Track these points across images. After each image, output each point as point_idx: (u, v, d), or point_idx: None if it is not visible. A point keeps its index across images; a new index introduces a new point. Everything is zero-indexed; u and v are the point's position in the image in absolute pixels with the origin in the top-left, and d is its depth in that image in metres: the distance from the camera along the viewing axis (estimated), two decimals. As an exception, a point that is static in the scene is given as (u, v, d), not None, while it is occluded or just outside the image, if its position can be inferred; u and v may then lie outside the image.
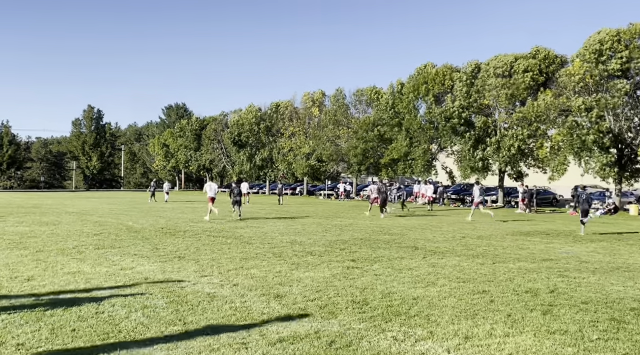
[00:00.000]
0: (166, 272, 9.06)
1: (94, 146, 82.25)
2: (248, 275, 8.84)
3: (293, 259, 10.77)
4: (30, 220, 19.80)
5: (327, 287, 7.84)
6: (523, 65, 35.72)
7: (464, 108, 38.01)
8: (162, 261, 10.21)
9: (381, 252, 12.01)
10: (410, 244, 13.64)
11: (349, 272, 9.21)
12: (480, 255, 11.61)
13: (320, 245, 13.05)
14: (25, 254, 10.85)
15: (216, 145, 68.83)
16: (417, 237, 15.65)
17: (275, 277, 8.63)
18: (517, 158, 35.85)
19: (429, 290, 7.63)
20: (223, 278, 8.53)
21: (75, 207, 29.58)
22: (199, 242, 13.32)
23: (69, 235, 14.49)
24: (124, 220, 20.23)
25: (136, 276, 8.59)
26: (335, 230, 17.22)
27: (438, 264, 10.18)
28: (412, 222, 21.35)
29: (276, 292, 7.49)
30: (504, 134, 35.87)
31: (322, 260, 10.60)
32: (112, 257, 10.69)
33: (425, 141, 41.98)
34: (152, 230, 16.21)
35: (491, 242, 14.46)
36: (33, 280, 8.17)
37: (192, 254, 11.20)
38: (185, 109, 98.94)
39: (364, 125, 46.16)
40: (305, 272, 9.12)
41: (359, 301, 6.87)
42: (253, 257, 10.95)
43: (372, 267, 9.75)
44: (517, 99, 36.21)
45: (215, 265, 9.77)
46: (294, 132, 55.94)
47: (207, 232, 16.08)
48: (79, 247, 12.16)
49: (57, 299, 6.92)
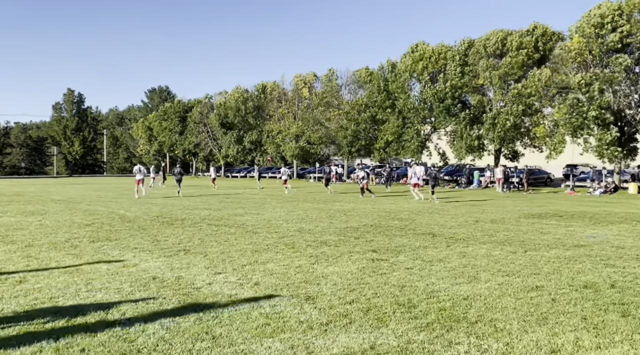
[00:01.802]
0: (174, 269, 8.16)
1: (76, 131, 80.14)
2: (266, 271, 7.98)
3: (308, 250, 9.92)
4: (14, 209, 18.65)
5: (359, 285, 7.02)
6: (517, 42, 34.93)
7: (457, 88, 37.24)
8: (167, 256, 9.29)
9: (399, 240, 11.22)
10: (425, 231, 12.88)
11: (376, 265, 8.40)
12: (506, 242, 10.89)
13: (332, 234, 12.23)
14: (13, 250, 9.85)
15: (202, 129, 67.35)
16: (429, 222, 14.91)
17: (297, 274, 7.78)
18: (512, 135, 35.26)
19: (476, 287, 6.84)
20: (240, 276, 7.65)
21: (61, 194, 28.34)
22: (202, 233, 12.40)
23: (59, 227, 13.46)
24: (114, 208, 19.18)
25: (142, 275, 7.68)
26: (340, 216, 16.41)
27: (467, 254, 9.42)
28: (416, 206, 20.63)
29: (305, 292, 6.64)
30: (499, 111, 35.19)
31: (340, 251, 9.78)
32: (111, 251, 9.74)
33: (418, 122, 41.23)
34: (147, 219, 15.23)
35: (508, 227, 13.77)
36: (26, 282, 7.21)
37: (197, 247, 10.29)
38: (168, 92, 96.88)
39: (355, 106, 45.19)
40: (328, 267, 8.29)
41: (404, 303, 6.05)
42: (265, 249, 10.08)
43: (398, 259, 8.96)
44: (512, 77, 35.49)
45: (227, 260, 8.89)
46: (283, 114, 54.77)
47: (207, 220, 15.16)
48: (72, 240, 11.17)
49: (57, 306, 5.99)
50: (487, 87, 37.44)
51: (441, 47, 39.39)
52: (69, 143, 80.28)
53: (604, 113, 29.51)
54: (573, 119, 30.35)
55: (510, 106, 34.71)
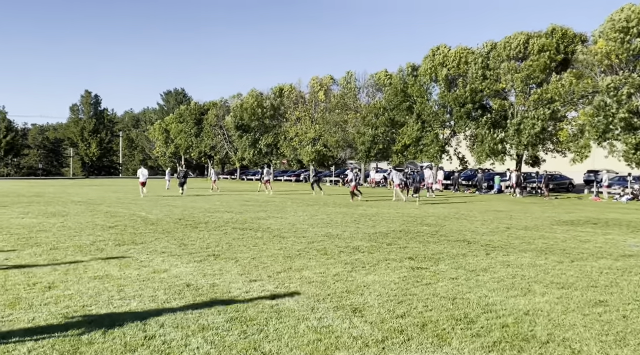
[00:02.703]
0: (207, 275, 7.80)
1: (93, 132, 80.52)
2: (303, 279, 7.59)
3: (342, 257, 9.52)
4: (35, 210, 18.48)
5: (406, 296, 6.60)
6: (538, 44, 34.21)
7: (478, 91, 36.60)
8: (197, 261, 8.95)
9: (434, 247, 10.77)
10: (458, 237, 12.42)
11: (418, 274, 7.97)
12: (548, 251, 10.39)
13: (362, 239, 11.82)
14: (39, 253, 9.57)
15: (217, 131, 67.22)
16: (459, 228, 14.43)
17: (336, 282, 7.38)
18: (538, 140, 34.50)
19: (533, 300, 6.39)
20: (277, 283, 7.27)
21: (80, 195, 28.23)
22: (228, 236, 12.05)
23: (82, 229, 13.20)
24: (135, 210, 18.93)
25: (175, 282, 7.33)
26: (365, 221, 15.98)
27: (511, 263, 8.95)
28: (439, 211, 20.13)
29: (350, 303, 6.24)
30: (525, 115, 34.46)
31: (376, 258, 9.36)
32: (138, 255, 9.42)
33: (437, 126, 40.63)
34: (170, 222, 14.94)
35: (543, 234, 13.24)
36: (55, 288, 6.90)
37: (226, 252, 9.93)
38: (184, 94, 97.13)
39: (373, 109, 44.69)
40: (368, 275, 7.88)
41: (461, 318, 5.62)
42: (296, 255, 9.70)
43: (439, 268, 8.52)
44: (534, 81, 34.77)
45: (260, 266, 8.51)
46: (300, 117, 54.41)
47: (230, 223, 14.82)
48: (97, 243, 10.88)
49: (90, 315, 5.65)
50: (508, 90, 36.76)
51: (462, 50, 38.77)
52: (85, 145, 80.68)
53: (632, 117, 28.77)
54: (599, 123, 29.61)
55: (536, 110, 33.98)
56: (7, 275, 7.55)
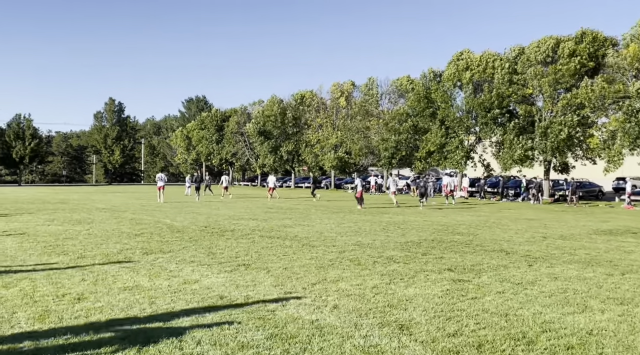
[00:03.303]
0: (240, 286, 7.48)
1: (116, 140, 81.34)
2: (340, 291, 7.22)
3: (377, 267, 9.13)
4: (61, 217, 18.44)
5: (454, 311, 6.19)
6: (568, 49, 33.43)
7: (505, 97, 35.91)
8: (227, 271, 8.64)
9: (472, 258, 10.31)
10: (494, 247, 11.93)
11: (461, 287, 7.54)
12: (593, 263, 9.85)
13: (394, 249, 11.41)
14: (66, 262, 9.37)
15: (238, 138, 67.36)
16: (493, 237, 13.92)
17: (375, 295, 7.00)
18: (566, 146, 33.64)
19: (593, 318, 5.92)
20: (314, 296, 6.91)
21: (104, 202, 28.28)
22: (256, 245, 11.75)
23: (109, 237, 13.02)
24: (160, 217, 18.78)
25: (207, 293, 7.02)
26: (395, 230, 15.55)
27: (558, 276, 8.46)
28: (468, 219, 19.59)
29: (395, 319, 5.85)
30: (552, 120, 33.67)
31: (413, 269, 8.95)
32: (167, 265, 9.15)
33: (462, 132, 39.97)
34: (195, 230, 14.70)
35: (583, 244, 12.67)
36: (85, 300, 6.63)
37: (256, 261, 9.62)
38: (205, 101, 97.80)
39: (396, 115, 44.19)
40: (408, 288, 7.48)
41: (519, 338, 5.19)
42: (329, 265, 9.33)
43: (482, 280, 8.07)
44: (562, 86, 33.96)
45: (293, 277, 8.17)
46: (321, 123, 54.17)
47: (257, 231, 14.53)
48: (125, 251, 10.66)
49: (122, 329, 5.36)
50: (536, 96, 36.02)
51: (488, 55, 38.14)
52: (109, 152, 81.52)
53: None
54: (631, 129, 28.75)
55: (564, 116, 33.18)
56: (35, 286, 7.33)
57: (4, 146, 73.37)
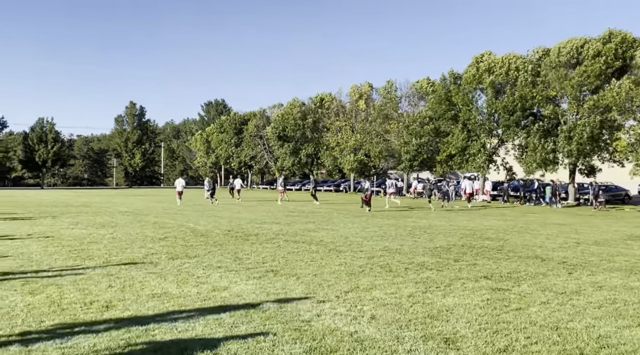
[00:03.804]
0: (270, 294, 7.23)
1: (137, 143, 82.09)
2: (376, 300, 6.92)
3: (409, 274, 8.81)
4: (84, 221, 18.43)
5: (499, 324, 5.85)
6: (593, 50, 32.63)
7: (528, 99, 35.21)
8: (256, 277, 8.40)
9: (507, 264, 9.93)
10: (528, 253, 11.51)
11: (502, 297, 7.19)
12: (636, 270, 9.40)
13: (424, 255, 11.07)
14: (92, 266, 9.21)
15: (258, 141, 67.39)
16: (524, 242, 13.49)
17: (413, 305, 6.68)
18: (590, 148, 32.84)
19: (652, 331, 5.54)
20: (349, 306, 6.63)
21: (126, 205, 28.35)
22: (282, 250, 11.50)
23: (133, 241, 12.89)
24: (182, 221, 18.66)
25: (237, 301, 6.78)
26: (421, 234, 15.19)
27: (602, 285, 8.05)
28: (495, 223, 19.12)
29: (438, 332, 5.54)
30: (576, 123, 32.92)
31: (447, 277, 8.61)
32: (194, 270, 8.94)
33: (484, 135, 39.32)
34: (219, 234, 14.51)
35: (620, 251, 12.18)
36: (113, 307, 6.44)
37: (284, 267, 9.36)
38: (224, 105, 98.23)
39: (418, 118, 43.70)
40: (446, 297, 7.15)
41: (576, 354, 4.84)
42: (359, 271, 9.04)
43: (522, 289, 7.71)
44: (587, 88, 33.18)
45: (324, 284, 7.89)
46: (341, 126, 53.88)
47: (281, 236, 14.29)
48: (150, 256, 10.50)
49: (155, 342, 5.13)
50: (560, 98, 35.28)
51: (510, 57, 37.48)
52: (130, 155, 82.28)
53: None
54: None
55: (587, 118, 32.42)
56: (62, 292, 7.16)
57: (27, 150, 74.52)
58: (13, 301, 6.66)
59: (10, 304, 6.51)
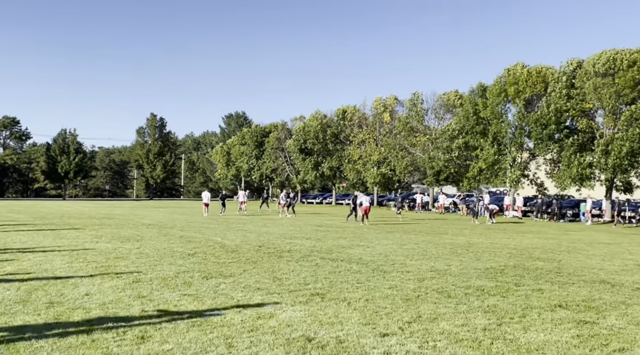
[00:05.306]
0: (324, 324, 6.35)
1: (158, 155, 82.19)
2: (446, 334, 6.00)
3: (472, 301, 7.86)
4: (108, 234, 17.78)
5: (608, 368, 4.89)
6: (627, 60, 31.40)
7: (562, 112, 34.01)
8: (302, 302, 7.54)
9: (576, 290, 8.91)
10: (592, 277, 10.47)
11: (592, 332, 6.21)
12: None
13: (478, 277, 10.10)
14: (121, 287, 8.44)
15: (279, 154, 66.86)
16: (580, 264, 12.42)
17: (493, 342, 5.75)
18: (629, 163, 31.46)
19: None
20: (419, 341, 5.71)
21: (149, 218, 27.77)
22: (322, 269, 10.63)
23: (161, 256, 12.13)
24: (209, 235, 17.92)
25: (291, 334, 5.91)
26: (464, 253, 14.21)
27: (701, 318, 7.02)
28: (536, 241, 18.02)
29: (539, 378, 4.60)
30: (614, 136, 31.60)
31: (517, 305, 7.64)
32: (232, 292, 8.11)
33: (515, 149, 38.13)
34: (250, 250, 13.70)
35: (692, 275, 11.06)
36: (150, 339, 5.62)
37: (330, 290, 8.48)
38: (245, 117, 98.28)
39: (446, 132, 42.66)
40: (527, 332, 6.19)
41: None
42: (414, 296, 8.12)
43: (610, 323, 6.72)
44: (623, 100, 31.92)
45: (381, 312, 7.00)
46: (364, 139, 53.03)
47: (316, 252, 13.43)
48: (182, 274, 9.70)
49: (203, 387, 4.28)
50: (595, 111, 34.04)
51: (541, 69, 36.38)
52: (151, 167, 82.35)
53: None
54: None
55: (625, 131, 31.13)
56: (92, 322, 6.36)
57: (49, 161, 75.00)
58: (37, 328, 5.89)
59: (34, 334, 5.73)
